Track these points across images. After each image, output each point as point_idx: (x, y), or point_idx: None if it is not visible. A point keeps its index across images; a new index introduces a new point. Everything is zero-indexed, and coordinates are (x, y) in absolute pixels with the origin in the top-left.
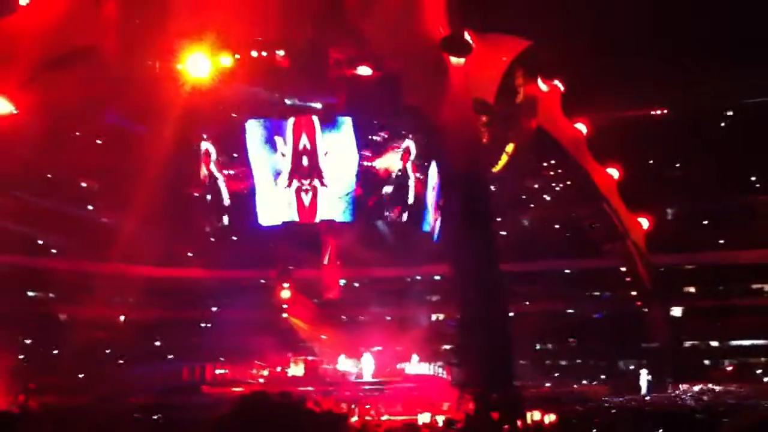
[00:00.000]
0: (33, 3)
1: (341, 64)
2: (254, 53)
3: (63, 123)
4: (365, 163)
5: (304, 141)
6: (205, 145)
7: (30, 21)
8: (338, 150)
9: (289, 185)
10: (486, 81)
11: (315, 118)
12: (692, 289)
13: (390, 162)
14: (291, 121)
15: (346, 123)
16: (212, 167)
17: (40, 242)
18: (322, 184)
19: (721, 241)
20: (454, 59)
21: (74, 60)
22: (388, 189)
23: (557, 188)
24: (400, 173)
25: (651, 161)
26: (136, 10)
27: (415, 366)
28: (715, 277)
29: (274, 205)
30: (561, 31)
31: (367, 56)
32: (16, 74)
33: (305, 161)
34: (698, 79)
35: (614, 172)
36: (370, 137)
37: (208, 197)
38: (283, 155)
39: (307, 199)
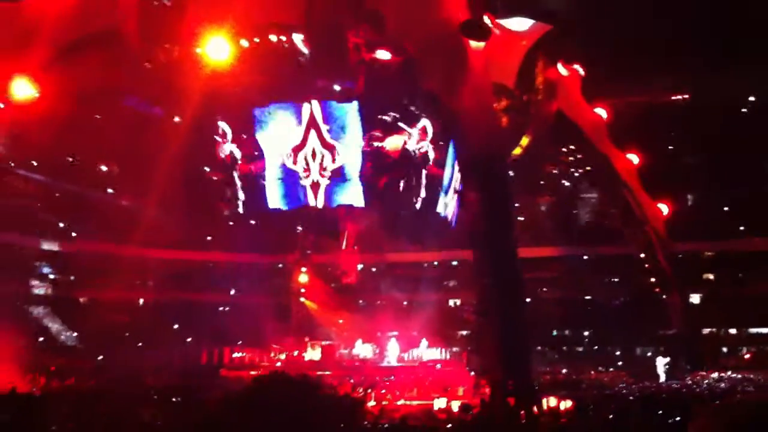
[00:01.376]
0: None
1: (360, 49)
2: (273, 37)
3: (83, 106)
4: (375, 144)
5: (315, 124)
6: (222, 127)
7: (50, 4)
8: (348, 132)
9: (301, 170)
10: (505, 65)
11: (328, 101)
12: (711, 276)
13: (402, 143)
14: (303, 104)
15: (355, 105)
16: (228, 149)
17: (60, 225)
18: (333, 168)
19: (741, 228)
20: (473, 43)
21: (94, 44)
22: (400, 170)
23: (576, 174)
24: (413, 154)
25: (671, 147)
26: None
27: (426, 351)
28: (734, 264)
29: (285, 188)
30: (582, 15)
31: (386, 41)
32: (36, 58)
33: (316, 145)
34: (720, 65)
35: (634, 158)
36: (379, 117)
37: (226, 180)
38: (295, 138)
39: (317, 183)
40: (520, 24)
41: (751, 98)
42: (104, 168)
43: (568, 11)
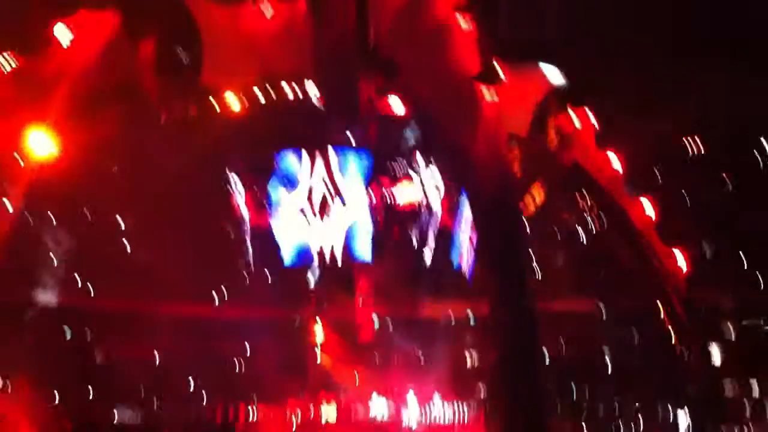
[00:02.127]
0: (72, 43)
1: (372, 98)
2: (286, 87)
3: (100, 160)
4: (386, 195)
5: (326, 174)
6: (233, 179)
7: (68, 59)
8: (359, 182)
9: (311, 222)
10: (518, 114)
11: (338, 151)
12: (732, 328)
13: (413, 195)
14: (315, 153)
15: (367, 156)
16: (240, 202)
17: (77, 280)
18: (343, 220)
19: (761, 279)
20: (485, 92)
21: (111, 98)
22: (412, 223)
23: (593, 224)
24: (424, 205)
25: (689, 197)
26: (173, 49)
27: (442, 408)
28: (755, 316)
29: (294, 242)
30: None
31: (399, 89)
32: (54, 113)
33: (327, 196)
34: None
35: (650, 208)
36: (390, 167)
37: (239, 234)
38: (305, 190)
39: (326, 235)
40: (533, 73)
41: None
42: (120, 222)
43: (581, 60)
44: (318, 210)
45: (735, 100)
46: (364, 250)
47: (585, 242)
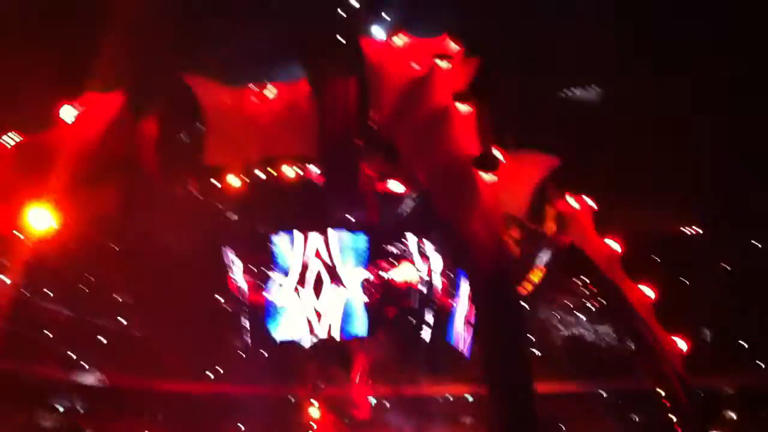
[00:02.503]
0: (75, 118)
1: (372, 179)
2: (288, 168)
3: (98, 235)
4: (383, 274)
5: (323, 253)
6: (231, 256)
7: (71, 135)
8: (356, 262)
9: (307, 300)
10: (516, 197)
11: (337, 232)
12: (733, 415)
13: (410, 274)
14: (313, 233)
15: (366, 237)
16: (236, 280)
17: (71, 354)
18: (339, 299)
19: (763, 365)
20: (484, 175)
21: (113, 174)
22: (408, 301)
23: (591, 306)
24: (422, 285)
25: (687, 280)
26: (175, 127)
27: None
28: (756, 402)
29: (290, 320)
30: (593, 148)
31: (399, 172)
32: (56, 188)
33: (323, 274)
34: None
35: (649, 291)
36: (388, 247)
37: (235, 311)
38: (302, 268)
39: (322, 313)
40: (530, 156)
41: None
42: (118, 297)
43: (578, 144)
44: (313, 288)
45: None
46: (358, 329)
47: (583, 324)
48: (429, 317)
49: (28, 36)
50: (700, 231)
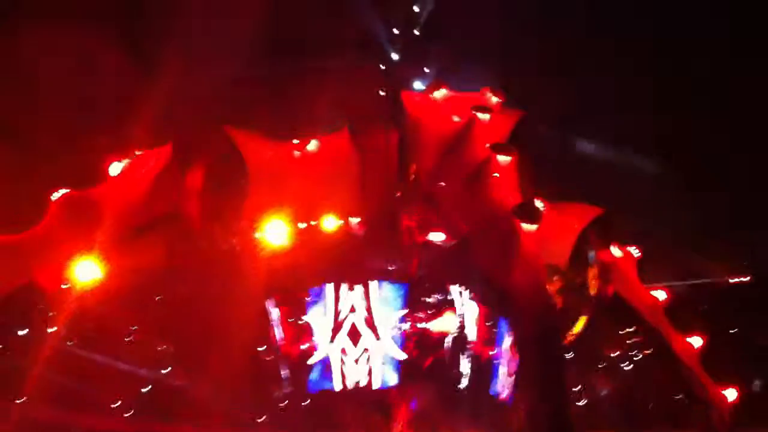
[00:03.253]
0: (123, 173)
1: (413, 231)
2: (329, 221)
3: (144, 287)
4: (419, 325)
5: (362, 305)
6: (270, 309)
7: (117, 189)
8: (394, 314)
9: (343, 351)
10: (558, 247)
11: (375, 283)
12: None
13: (446, 325)
14: (354, 286)
15: (405, 288)
16: (275, 331)
17: (115, 405)
18: (376, 348)
19: None
20: (525, 225)
21: (158, 227)
22: (444, 351)
23: (636, 356)
24: (458, 335)
25: (735, 329)
26: (219, 180)
27: None
28: None
29: (326, 370)
30: (634, 199)
31: (439, 222)
32: (103, 240)
33: (361, 326)
34: None
35: (696, 341)
36: (427, 299)
37: (275, 361)
38: (339, 320)
39: (359, 364)
40: (572, 207)
41: None
42: (160, 348)
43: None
44: (350, 339)
45: None
46: (393, 379)
47: (629, 375)
48: (466, 366)
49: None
50: (748, 279)
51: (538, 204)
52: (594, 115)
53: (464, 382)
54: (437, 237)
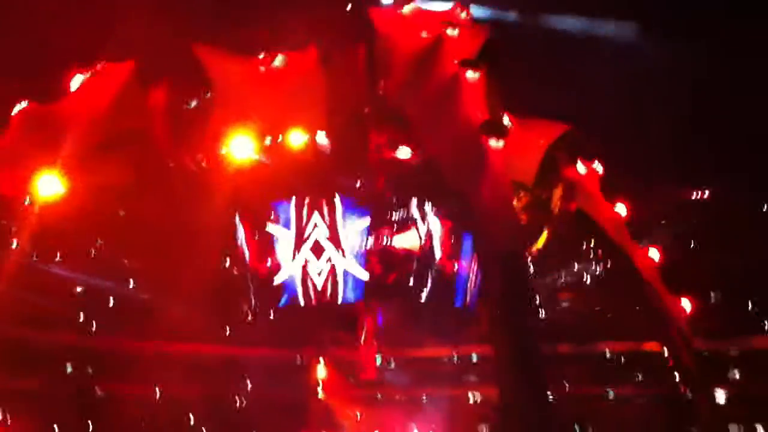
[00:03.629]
0: (84, 87)
1: (381, 147)
2: (297, 135)
3: (108, 203)
4: (384, 241)
5: (325, 221)
6: (237, 223)
7: (80, 105)
8: (359, 229)
9: (309, 266)
10: (525, 164)
11: (342, 200)
12: (737, 375)
13: (411, 240)
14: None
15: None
16: (241, 245)
17: (81, 319)
18: (338, 264)
19: (767, 326)
20: (493, 142)
21: (122, 143)
22: (409, 266)
23: (598, 270)
24: (424, 253)
25: (694, 244)
26: (183, 97)
27: None
28: (760, 363)
29: (291, 285)
30: (601, 114)
31: (408, 139)
32: (65, 155)
33: (324, 241)
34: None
35: (655, 255)
36: (392, 215)
37: (242, 275)
38: (304, 234)
39: (321, 279)
40: (539, 123)
41: None
42: (127, 263)
43: (586, 110)
44: (313, 253)
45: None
46: (357, 293)
47: (590, 288)
48: (430, 281)
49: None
50: (707, 194)
51: (506, 120)
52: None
53: (428, 297)
54: (404, 153)
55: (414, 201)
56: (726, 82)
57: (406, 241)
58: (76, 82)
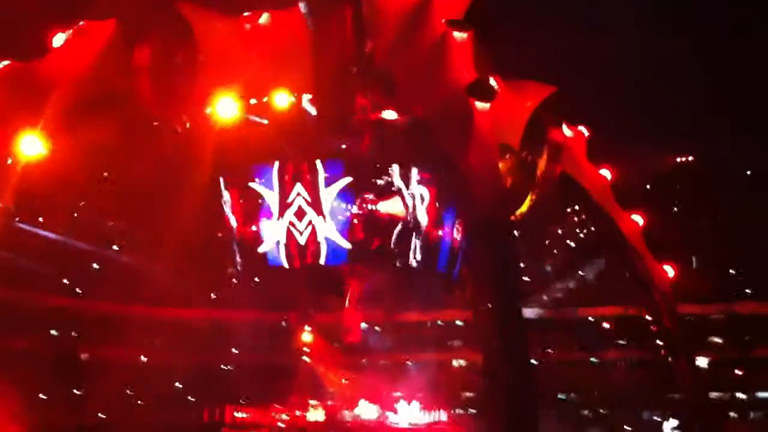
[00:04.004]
0: (66, 46)
1: (366, 109)
2: (282, 96)
3: (93, 165)
4: (367, 206)
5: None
6: (223, 186)
7: (63, 63)
8: (343, 193)
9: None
10: (511, 126)
11: (327, 163)
12: (719, 340)
13: (395, 206)
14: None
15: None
16: (227, 209)
17: (65, 281)
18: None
19: (748, 291)
20: (479, 104)
21: (106, 104)
22: (393, 233)
23: (582, 235)
24: (409, 218)
25: (677, 209)
26: (168, 56)
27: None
28: (741, 328)
29: (276, 248)
30: (588, 78)
31: (393, 101)
32: (48, 115)
33: (304, 205)
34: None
35: (639, 219)
36: (375, 179)
37: (228, 239)
38: (288, 198)
39: (303, 239)
40: (526, 85)
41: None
42: (112, 225)
43: (573, 74)
44: (297, 217)
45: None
46: (340, 257)
47: (574, 251)
48: (415, 246)
49: None
50: (691, 159)
51: (493, 82)
52: None
53: (413, 261)
54: (390, 115)
55: (398, 167)
56: (712, 51)
57: (391, 206)
58: (58, 40)
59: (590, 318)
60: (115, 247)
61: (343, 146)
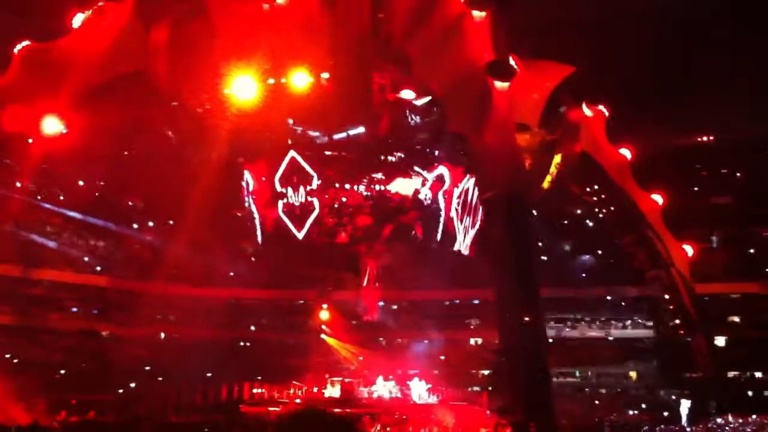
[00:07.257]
0: (85, 26)
1: (385, 89)
2: (300, 76)
3: (111, 143)
4: (378, 187)
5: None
6: (245, 168)
7: (82, 44)
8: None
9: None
10: (530, 106)
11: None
12: (736, 319)
13: (410, 185)
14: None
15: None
16: (250, 188)
17: (85, 259)
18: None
19: (767, 270)
20: (498, 84)
21: (124, 83)
22: (410, 212)
23: (601, 214)
24: (425, 197)
25: (696, 188)
26: (185, 36)
27: (445, 390)
28: (759, 307)
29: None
30: (607, 58)
31: (412, 81)
32: (67, 95)
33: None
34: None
35: (658, 199)
36: (390, 159)
37: (248, 217)
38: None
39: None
40: (545, 65)
41: None
42: (131, 204)
43: (593, 54)
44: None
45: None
46: (361, 237)
47: (592, 231)
48: (433, 226)
49: None
50: (711, 139)
51: (512, 62)
52: None
53: (429, 241)
54: (408, 95)
55: (425, 144)
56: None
57: (407, 185)
58: (77, 20)
59: (608, 297)
60: (134, 226)
61: (359, 126)
